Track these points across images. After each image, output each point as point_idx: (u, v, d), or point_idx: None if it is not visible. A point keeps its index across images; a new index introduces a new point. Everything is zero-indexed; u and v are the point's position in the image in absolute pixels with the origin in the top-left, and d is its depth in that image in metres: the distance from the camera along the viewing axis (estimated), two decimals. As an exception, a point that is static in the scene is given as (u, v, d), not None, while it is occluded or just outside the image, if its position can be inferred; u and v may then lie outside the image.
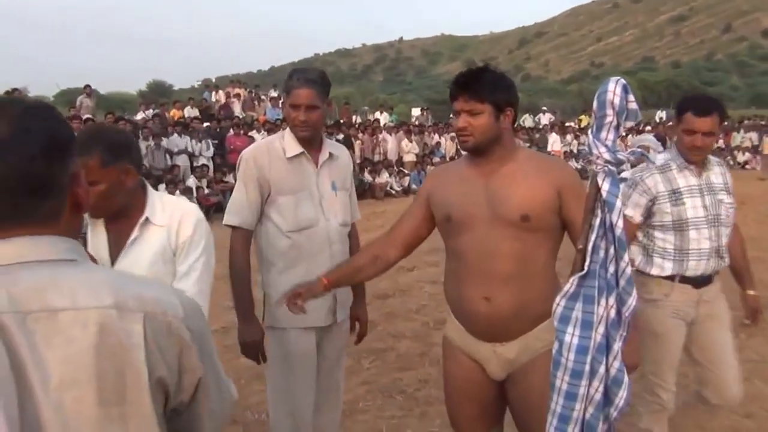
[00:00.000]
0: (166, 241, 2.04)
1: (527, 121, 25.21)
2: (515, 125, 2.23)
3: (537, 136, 21.16)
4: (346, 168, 2.79)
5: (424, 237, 2.39)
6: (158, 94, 55.26)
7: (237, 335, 2.62)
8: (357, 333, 2.92)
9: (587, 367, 1.71)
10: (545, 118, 25.43)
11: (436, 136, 19.88)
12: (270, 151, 2.61)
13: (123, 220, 2.02)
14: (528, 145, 19.79)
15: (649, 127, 22.18)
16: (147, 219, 2.03)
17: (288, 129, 2.66)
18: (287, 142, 2.62)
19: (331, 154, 2.69)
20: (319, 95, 2.53)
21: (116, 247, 2.03)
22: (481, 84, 2.09)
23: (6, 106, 0.98)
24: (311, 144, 2.64)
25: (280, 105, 15.39)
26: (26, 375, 0.90)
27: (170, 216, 2.06)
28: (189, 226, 2.07)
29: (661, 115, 30.48)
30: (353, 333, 2.93)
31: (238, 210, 2.60)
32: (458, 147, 2.29)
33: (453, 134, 15.00)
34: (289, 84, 2.55)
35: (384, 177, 16.39)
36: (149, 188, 2.09)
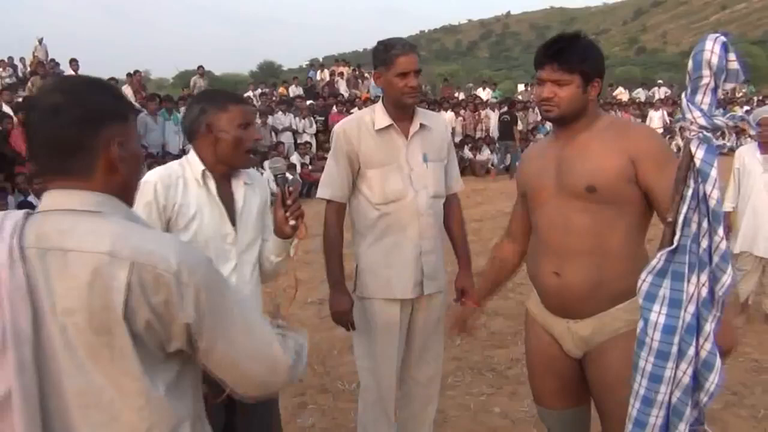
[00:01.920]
0: (261, 198, 2.29)
1: (640, 95, 23.94)
2: (629, 100, 2.12)
3: (650, 111, 20.00)
4: (440, 139, 2.74)
5: None
6: (268, 74, 57.02)
7: (328, 304, 2.70)
8: (464, 303, 2.83)
9: (674, 348, 1.59)
10: (660, 92, 24.02)
11: (541, 112, 19.25)
12: (360, 125, 2.63)
13: (226, 184, 2.20)
14: (639, 121, 18.77)
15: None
16: (245, 183, 2.23)
17: (379, 103, 2.66)
18: (377, 115, 2.62)
19: (422, 125, 2.65)
20: (419, 60, 2.55)
21: (228, 206, 2.19)
22: (572, 53, 1.99)
23: (65, 80, 1.24)
24: (404, 115, 2.62)
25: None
26: (39, 299, 1.11)
27: (255, 177, 2.32)
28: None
29: (792, 87, 28.07)
30: (461, 303, 2.83)
31: (329, 183, 2.66)
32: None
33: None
34: (391, 54, 2.51)
35: (485, 154, 16.12)
36: None
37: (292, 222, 2.08)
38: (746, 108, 19.86)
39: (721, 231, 1.53)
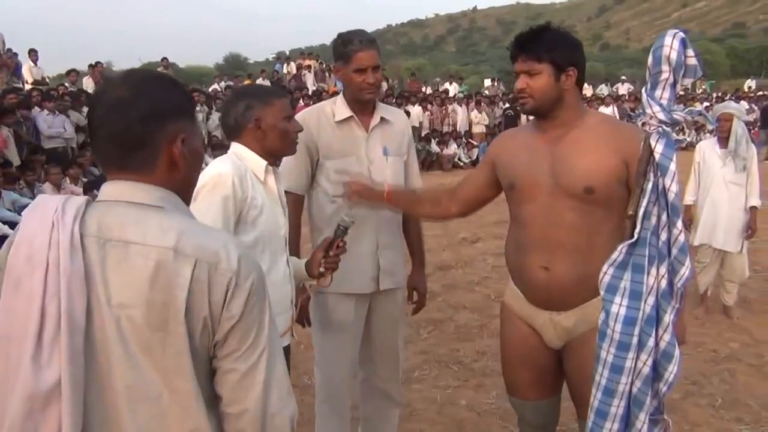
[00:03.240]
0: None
1: (604, 91, 24.31)
2: (592, 96, 2.12)
3: (599, 107, 20.25)
4: (400, 133, 2.72)
5: (487, 200, 2.38)
6: (234, 67, 56.34)
7: None
8: (415, 304, 2.86)
9: (635, 339, 1.62)
10: (623, 88, 24.43)
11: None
12: (320, 116, 2.59)
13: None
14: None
15: (733, 98, 20.96)
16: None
17: (341, 95, 2.62)
18: (338, 106, 2.59)
19: (383, 119, 2.63)
20: (379, 55, 2.52)
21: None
22: (539, 43, 2.00)
23: (131, 74, 1.24)
24: (364, 108, 2.59)
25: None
26: (95, 289, 1.10)
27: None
28: None
29: (750, 84, 28.87)
30: (410, 303, 2.86)
31: (287, 174, 2.57)
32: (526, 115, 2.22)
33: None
34: (349, 49, 2.47)
35: (452, 148, 16.20)
36: None
37: (321, 269, 2.15)
38: (705, 104, 20.31)
39: (679, 224, 1.56)
